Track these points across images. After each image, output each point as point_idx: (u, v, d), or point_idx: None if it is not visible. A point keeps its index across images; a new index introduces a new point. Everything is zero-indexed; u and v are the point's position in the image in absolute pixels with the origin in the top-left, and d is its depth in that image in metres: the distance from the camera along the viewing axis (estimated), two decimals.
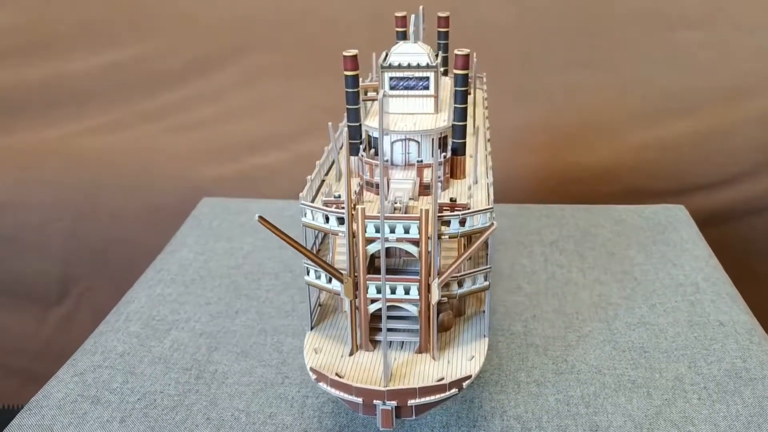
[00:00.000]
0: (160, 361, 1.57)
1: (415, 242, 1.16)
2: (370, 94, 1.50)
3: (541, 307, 1.73)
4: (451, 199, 1.21)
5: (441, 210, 1.19)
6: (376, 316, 1.26)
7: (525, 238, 2.05)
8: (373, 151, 1.37)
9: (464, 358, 1.22)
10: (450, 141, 1.36)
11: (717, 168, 2.49)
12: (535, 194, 2.39)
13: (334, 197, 1.25)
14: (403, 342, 1.26)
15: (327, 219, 1.20)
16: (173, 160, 2.61)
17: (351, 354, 1.24)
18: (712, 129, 2.46)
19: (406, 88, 1.38)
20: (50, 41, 2.58)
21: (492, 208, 1.19)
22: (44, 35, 2.56)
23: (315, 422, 1.38)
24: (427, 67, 1.36)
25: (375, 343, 1.25)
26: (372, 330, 1.26)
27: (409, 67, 1.37)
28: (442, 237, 1.17)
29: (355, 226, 1.16)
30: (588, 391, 1.45)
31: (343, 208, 1.17)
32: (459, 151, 1.35)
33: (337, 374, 1.18)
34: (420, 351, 1.23)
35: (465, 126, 1.34)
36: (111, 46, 2.57)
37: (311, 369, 1.20)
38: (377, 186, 1.30)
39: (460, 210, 1.19)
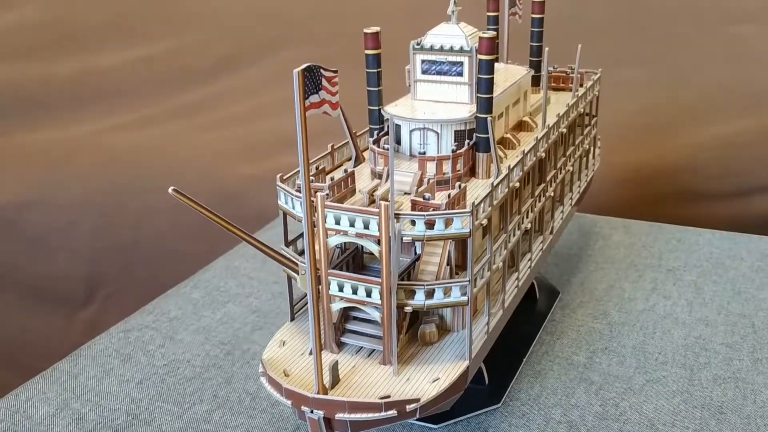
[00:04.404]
0: (204, 331, 1.58)
1: (378, 240, 1.03)
2: None
3: (619, 339, 1.50)
4: (423, 197, 1.06)
5: (414, 208, 1.06)
6: (346, 316, 1.16)
7: (641, 260, 1.79)
8: (386, 138, 1.25)
9: (428, 379, 1.08)
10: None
11: None
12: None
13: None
14: (373, 350, 1.14)
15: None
16: (204, 158, 2.51)
17: (311, 353, 1.14)
18: None
19: (439, 73, 1.25)
20: (78, 37, 2.54)
21: (469, 212, 1.02)
22: (72, 31, 2.53)
23: None
24: (461, 51, 1.22)
25: (342, 345, 1.15)
26: (344, 331, 1.16)
27: (441, 50, 1.23)
28: (404, 238, 1.03)
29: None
30: None
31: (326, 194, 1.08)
32: (481, 146, 1.19)
33: (284, 372, 1.09)
34: (384, 362, 1.11)
35: (487, 119, 1.17)
36: (141, 42, 2.51)
37: (261, 361, 1.13)
38: (380, 176, 1.19)
39: (431, 210, 1.04)
